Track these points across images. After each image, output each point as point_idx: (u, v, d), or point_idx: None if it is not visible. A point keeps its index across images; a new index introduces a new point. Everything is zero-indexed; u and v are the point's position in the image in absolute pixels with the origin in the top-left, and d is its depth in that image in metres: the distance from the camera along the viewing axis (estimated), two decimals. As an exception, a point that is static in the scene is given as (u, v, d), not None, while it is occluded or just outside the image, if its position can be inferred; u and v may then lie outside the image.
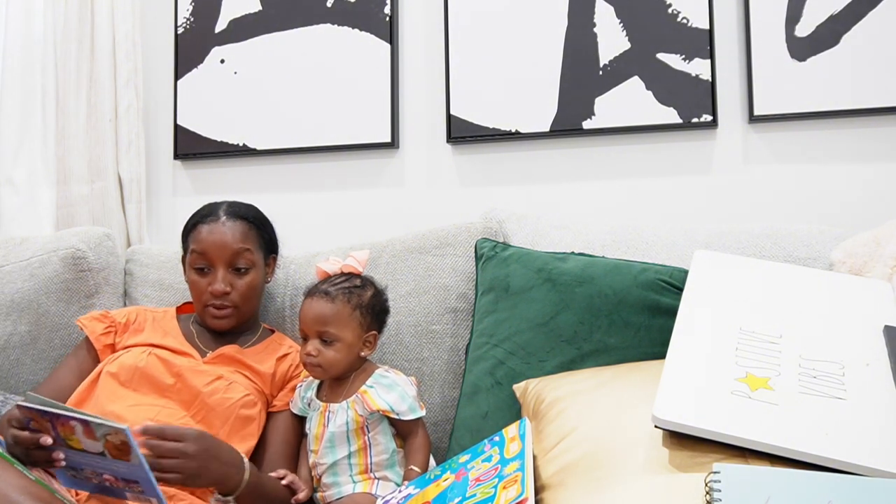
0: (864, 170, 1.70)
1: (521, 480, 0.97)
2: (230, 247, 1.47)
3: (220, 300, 1.46)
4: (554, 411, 1.15)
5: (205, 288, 1.47)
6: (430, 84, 1.96)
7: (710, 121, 1.75)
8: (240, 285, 1.48)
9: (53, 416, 1.07)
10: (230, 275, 1.47)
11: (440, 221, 1.75)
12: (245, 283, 1.49)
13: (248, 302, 1.51)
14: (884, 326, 1.10)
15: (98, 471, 1.10)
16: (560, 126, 1.83)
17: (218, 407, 1.36)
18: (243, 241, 1.49)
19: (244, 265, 1.48)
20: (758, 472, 0.81)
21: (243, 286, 1.48)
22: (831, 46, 1.69)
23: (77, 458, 1.10)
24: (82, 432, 1.06)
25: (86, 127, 2.08)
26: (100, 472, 1.10)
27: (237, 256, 1.48)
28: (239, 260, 1.48)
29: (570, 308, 1.39)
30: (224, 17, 2.06)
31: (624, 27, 1.80)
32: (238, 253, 1.47)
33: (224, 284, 1.46)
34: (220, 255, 1.47)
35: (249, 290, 1.49)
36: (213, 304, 1.47)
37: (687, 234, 1.54)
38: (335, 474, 1.35)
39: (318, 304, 1.37)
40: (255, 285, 1.51)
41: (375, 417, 1.35)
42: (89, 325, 1.51)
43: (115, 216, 2.05)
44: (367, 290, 1.40)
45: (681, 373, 1.01)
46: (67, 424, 1.07)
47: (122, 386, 1.38)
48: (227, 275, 1.47)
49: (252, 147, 2.03)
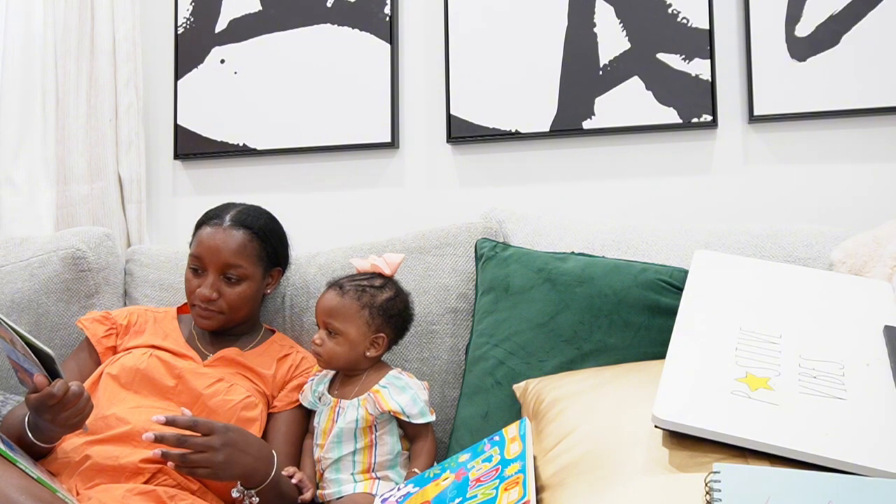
0: (864, 170, 1.70)
1: (522, 483, 0.97)
2: (223, 256, 1.46)
3: (204, 304, 1.46)
4: (554, 411, 1.15)
5: (194, 289, 1.47)
6: (430, 84, 1.96)
7: (710, 121, 1.75)
8: (228, 294, 1.47)
9: None
10: (220, 282, 1.46)
11: (440, 221, 1.75)
12: (235, 292, 1.47)
13: (236, 311, 1.49)
14: (884, 326, 1.10)
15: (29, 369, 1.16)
16: (560, 126, 1.83)
17: (219, 409, 1.36)
18: (237, 254, 1.47)
19: (236, 276, 1.47)
20: (758, 472, 0.80)
21: (232, 295, 1.47)
22: (831, 46, 1.69)
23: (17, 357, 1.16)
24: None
25: (86, 127, 2.08)
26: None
27: (228, 267, 1.46)
28: (231, 270, 1.47)
29: (570, 308, 1.39)
30: (224, 17, 2.06)
31: (624, 27, 1.80)
32: (229, 264, 1.46)
33: (211, 291, 1.45)
34: (212, 262, 1.46)
35: (238, 300, 1.48)
36: (199, 306, 1.47)
37: (687, 234, 1.54)
38: (338, 470, 1.36)
39: (329, 295, 1.40)
40: (245, 296, 1.48)
41: (385, 417, 1.35)
42: (91, 326, 1.51)
43: (115, 216, 2.05)
44: (384, 291, 1.41)
45: (681, 373, 1.01)
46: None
47: (122, 388, 1.38)
48: (216, 281, 1.46)
49: (252, 147, 2.03)
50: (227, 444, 1.17)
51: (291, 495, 1.31)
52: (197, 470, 1.15)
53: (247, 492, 1.22)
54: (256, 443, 1.24)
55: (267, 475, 1.23)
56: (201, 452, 1.15)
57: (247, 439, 1.21)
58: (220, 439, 1.16)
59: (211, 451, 1.15)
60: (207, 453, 1.15)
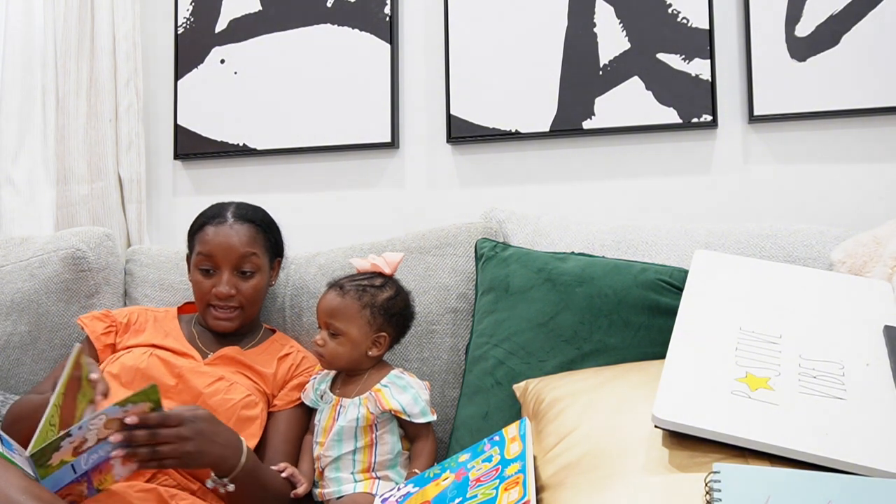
0: (864, 170, 1.70)
1: (522, 483, 0.97)
2: (236, 250, 1.47)
3: (223, 302, 1.47)
4: (554, 411, 1.15)
5: (208, 290, 1.47)
6: (430, 84, 1.96)
7: (709, 121, 1.75)
8: (244, 288, 1.48)
9: None
10: (235, 278, 1.48)
11: (440, 221, 1.75)
12: (250, 286, 1.49)
13: (253, 305, 1.51)
14: (884, 326, 1.10)
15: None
16: (560, 126, 1.83)
17: (219, 408, 1.36)
18: (250, 245, 1.49)
19: (250, 269, 1.49)
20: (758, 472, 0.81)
21: (248, 289, 1.49)
22: (831, 46, 1.69)
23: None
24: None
25: (86, 127, 2.08)
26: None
27: (243, 260, 1.48)
28: (245, 263, 1.48)
29: (570, 308, 1.39)
30: (224, 17, 2.06)
31: (624, 27, 1.80)
32: (244, 256, 1.48)
33: (229, 287, 1.46)
34: (225, 258, 1.47)
35: (254, 293, 1.50)
36: (216, 306, 1.48)
37: (687, 234, 1.54)
38: (338, 469, 1.36)
39: (330, 296, 1.40)
40: (259, 288, 1.51)
41: (386, 417, 1.35)
42: (90, 324, 1.51)
43: (115, 216, 2.05)
44: (384, 291, 1.41)
45: (681, 373, 1.01)
46: None
47: (123, 387, 1.38)
48: (231, 277, 1.47)
49: (252, 147, 2.03)
50: (197, 434, 1.15)
51: (279, 489, 1.31)
52: (166, 461, 1.13)
53: (220, 480, 1.21)
54: (225, 431, 1.22)
55: (236, 462, 1.21)
56: (171, 444, 1.12)
57: (216, 428, 1.20)
58: (189, 429, 1.14)
59: (181, 442, 1.13)
60: (177, 444, 1.13)
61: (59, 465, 1.05)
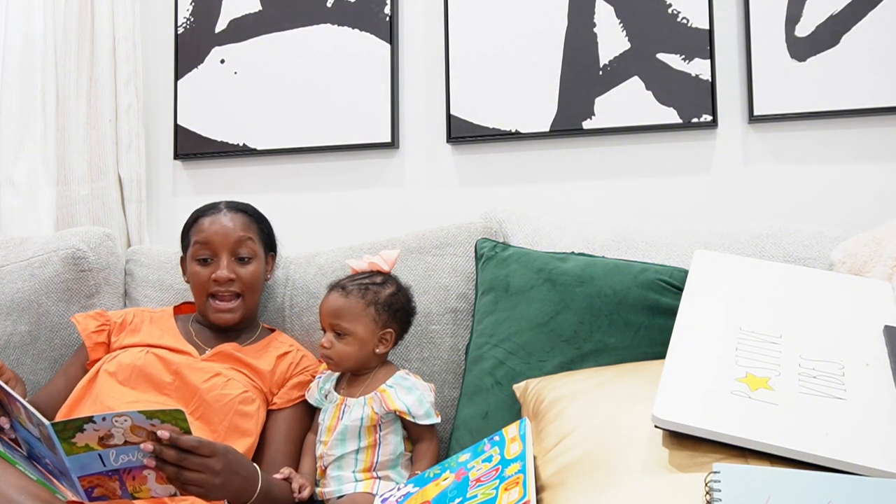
0: (864, 170, 1.70)
1: (522, 483, 0.97)
2: (233, 235, 1.49)
3: (224, 287, 1.47)
4: (554, 411, 1.15)
5: (207, 277, 1.48)
6: (430, 84, 1.95)
7: (709, 121, 1.75)
8: (243, 274, 1.49)
9: (6, 394, 1.05)
10: (233, 263, 1.49)
11: (440, 221, 1.75)
12: (248, 271, 1.50)
13: (252, 292, 1.52)
14: (884, 326, 1.10)
15: (42, 453, 1.08)
16: (560, 126, 1.83)
17: (216, 403, 1.37)
18: (245, 230, 1.51)
19: (247, 254, 1.50)
20: (758, 472, 0.81)
21: (247, 275, 1.50)
22: (831, 46, 1.69)
23: (28, 437, 1.07)
24: (25, 416, 1.04)
25: (86, 127, 2.08)
26: (43, 455, 1.08)
27: (240, 244, 1.49)
28: (241, 248, 1.50)
29: (570, 308, 1.39)
30: (224, 17, 2.06)
31: (624, 27, 1.80)
32: (241, 241, 1.49)
33: (228, 271, 1.47)
34: (223, 244, 1.48)
35: (253, 279, 1.51)
36: (216, 295, 1.48)
37: (687, 234, 1.54)
38: (340, 468, 1.36)
39: (333, 297, 1.40)
40: (257, 275, 1.52)
41: (390, 417, 1.36)
42: (83, 321, 1.52)
43: (115, 216, 2.05)
44: (385, 287, 1.42)
45: (681, 373, 1.01)
46: (15, 404, 1.04)
47: (121, 385, 1.38)
48: (230, 263, 1.49)
49: (252, 147, 2.03)
50: (225, 468, 1.13)
51: (285, 497, 1.31)
52: (189, 487, 1.11)
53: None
54: (246, 463, 1.22)
55: (253, 493, 1.21)
56: (199, 472, 1.10)
57: (240, 461, 1.19)
58: (219, 462, 1.12)
59: (209, 473, 1.11)
60: (206, 474, 1.11)
61: (84, 448, 1.04)
